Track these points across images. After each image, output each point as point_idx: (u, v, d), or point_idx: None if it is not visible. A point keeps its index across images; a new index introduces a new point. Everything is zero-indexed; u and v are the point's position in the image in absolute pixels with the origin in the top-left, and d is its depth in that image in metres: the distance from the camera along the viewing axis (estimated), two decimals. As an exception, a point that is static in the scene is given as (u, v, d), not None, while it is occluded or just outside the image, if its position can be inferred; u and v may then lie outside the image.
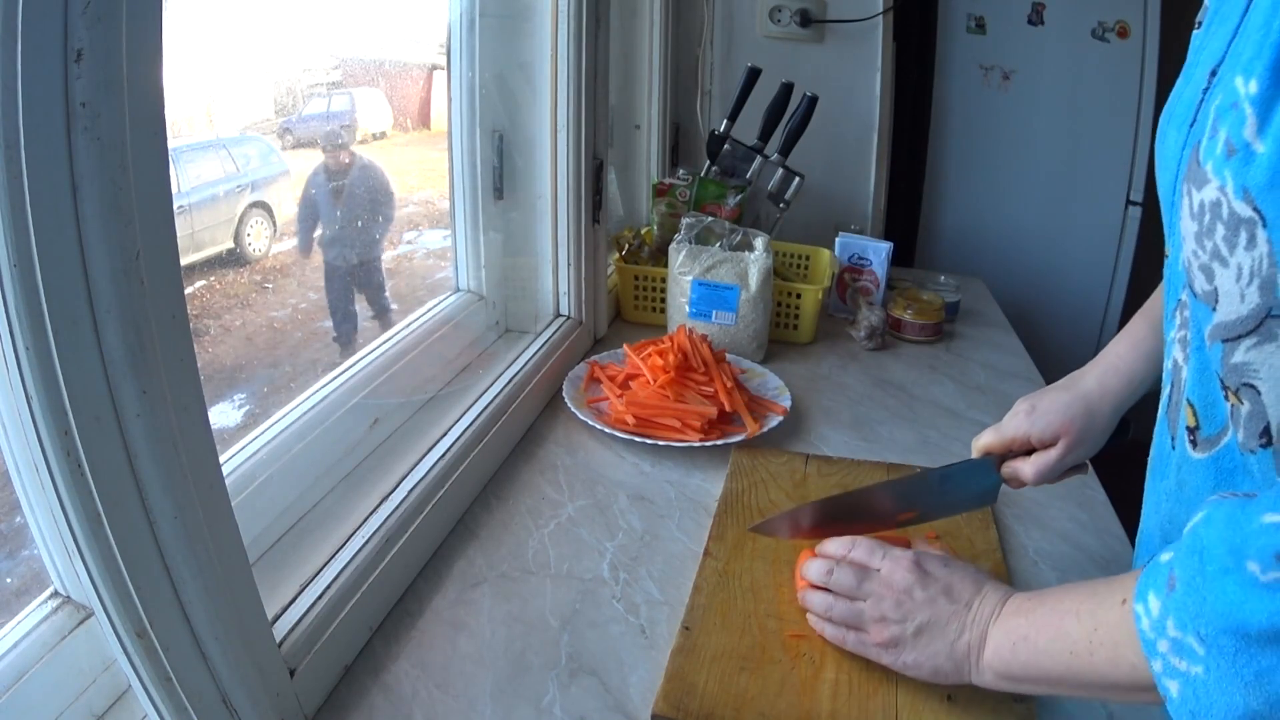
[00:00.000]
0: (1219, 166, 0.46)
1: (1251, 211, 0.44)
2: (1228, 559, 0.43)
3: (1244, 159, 0.44)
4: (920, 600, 0.65)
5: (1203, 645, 0.43)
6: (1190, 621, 0.44)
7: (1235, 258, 0.46)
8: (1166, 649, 0.45)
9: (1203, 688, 0.43)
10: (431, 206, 1.35)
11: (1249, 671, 0.41)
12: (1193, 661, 0.44)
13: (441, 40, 1.16)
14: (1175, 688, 0.45)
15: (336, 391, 0.91)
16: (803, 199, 1.63)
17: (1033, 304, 2.38)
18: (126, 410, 0.45)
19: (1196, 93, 0.53)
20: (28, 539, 0.53)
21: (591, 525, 0.89)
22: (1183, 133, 0.53)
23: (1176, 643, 0.45)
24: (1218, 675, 0.43)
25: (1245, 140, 0.43)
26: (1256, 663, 0.41)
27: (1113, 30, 2.27)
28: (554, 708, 0.65)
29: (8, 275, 0.40)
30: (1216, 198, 0.46)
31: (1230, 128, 0.45)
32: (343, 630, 0.67)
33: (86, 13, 0.39)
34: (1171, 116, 0.57)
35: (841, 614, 0.69)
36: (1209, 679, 0.43)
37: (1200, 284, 0.50)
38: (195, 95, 0.86)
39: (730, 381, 1.12)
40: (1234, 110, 0.45)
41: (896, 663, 0.65)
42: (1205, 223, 0.48)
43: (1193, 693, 0.44)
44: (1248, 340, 0.48)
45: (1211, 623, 0.43)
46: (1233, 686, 0.42)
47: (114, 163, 0.42)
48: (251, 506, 0.74)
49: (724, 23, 1.93)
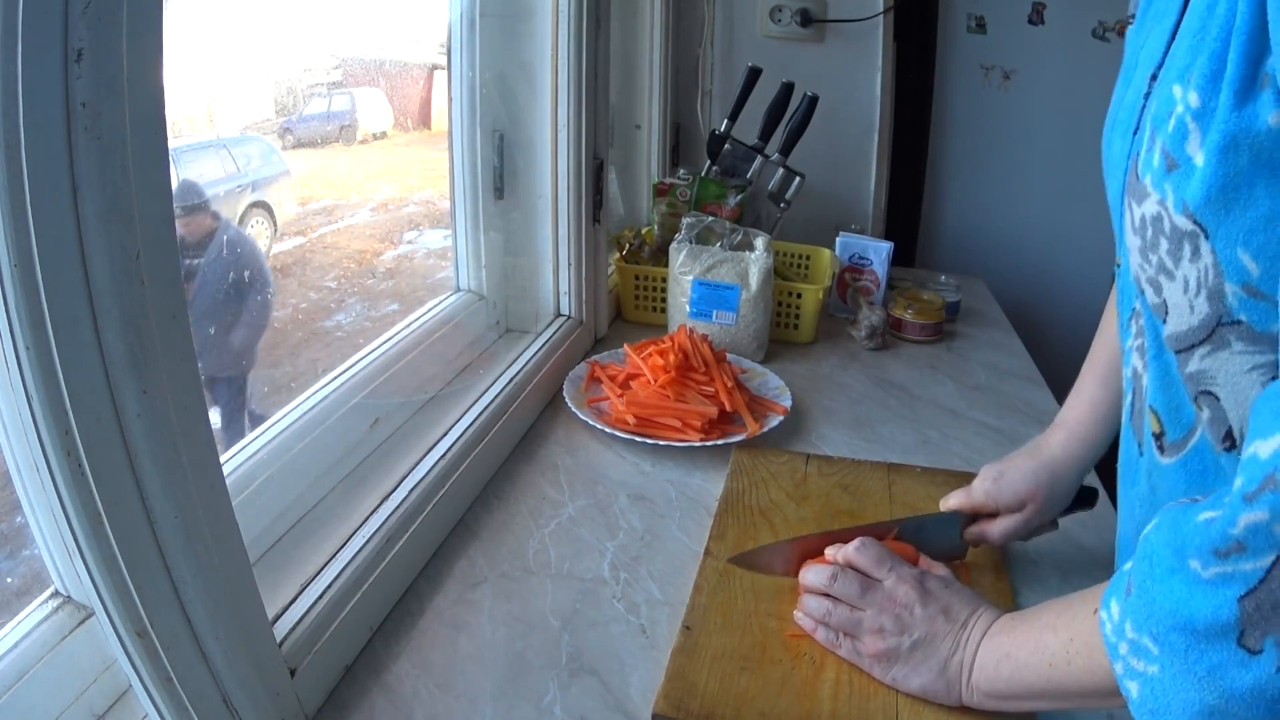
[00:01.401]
0: (1158, 180, 0.45)
1: (1192, 225, 0.44)
2: (1172, 560, 0.43)
3: (1185, 174, 0.43)
4: (919, 617, 0.66)
5: (1156, 645, 0.44)
6: (1144, 623, 0.45)
7: (1181, 270, 0.46)
8: (1126, 651, 0.46)
9: (1159, 687, 0.44)
10: (432, 206, 1.35)
11: (1201, 668, 0.41)
12: (1149, 661, 0.44)
13: (442, 40, 1.16)
14: (1135, 688, 0.45)
15: (337, 391, 0.91)
16: (803, 199, 1.63)
17: (1033, 304, 2.38)
18: (127, 410, 0.45)
19: (1138, 98, 0.52)
20: (28, 539, 0.53)
21: (592, 525, 0.89)
22: (1127, 140, 0.53)
23: (1134, 644, 0.45)
24: (1172, 673, 0.43)
25: (1188, 155, 0.43)
26: (1207, 658, 0.41)
27: (1113, 30, 2.27)
28: (554, 707, 0.65)
29: (8, 275, 0.40)
30: (1157, 211, 0.46)
31: (1169, 140, 0.44)
32: (343, 630, 0.67)
33: (87, 12, 0.39)
34: (1115, 123, 0.56)
35: (840, 620, 0.69)
36: (1164, 677, 0.43)
37: (1150, 296, 0.50)
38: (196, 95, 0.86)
39: (731, 381, 1.12)
40: (1171, 120, 0.44)
41: (887, 676, 0.66)
42: (1148, 237, 0.47)
43: (1150, 692, 0.44)
44: (1201, 349, 0.48)
45: (1161, 621, 0.43)
46: (1187, 684, 0.42)
47: (114, 163, 0.42)
48: (252, 506, 0.74)
49: (724, 22, 1.93)
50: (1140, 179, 0.47)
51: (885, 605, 0.67)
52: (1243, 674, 0.40)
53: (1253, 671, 0.40)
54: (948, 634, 0.64)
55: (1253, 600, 0.39)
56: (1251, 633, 0.39)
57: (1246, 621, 0.39)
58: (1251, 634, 0.40)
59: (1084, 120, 2.34)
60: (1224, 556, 0.40)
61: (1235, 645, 0.40)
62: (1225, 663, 0.41)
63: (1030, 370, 1.41)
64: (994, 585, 0.80)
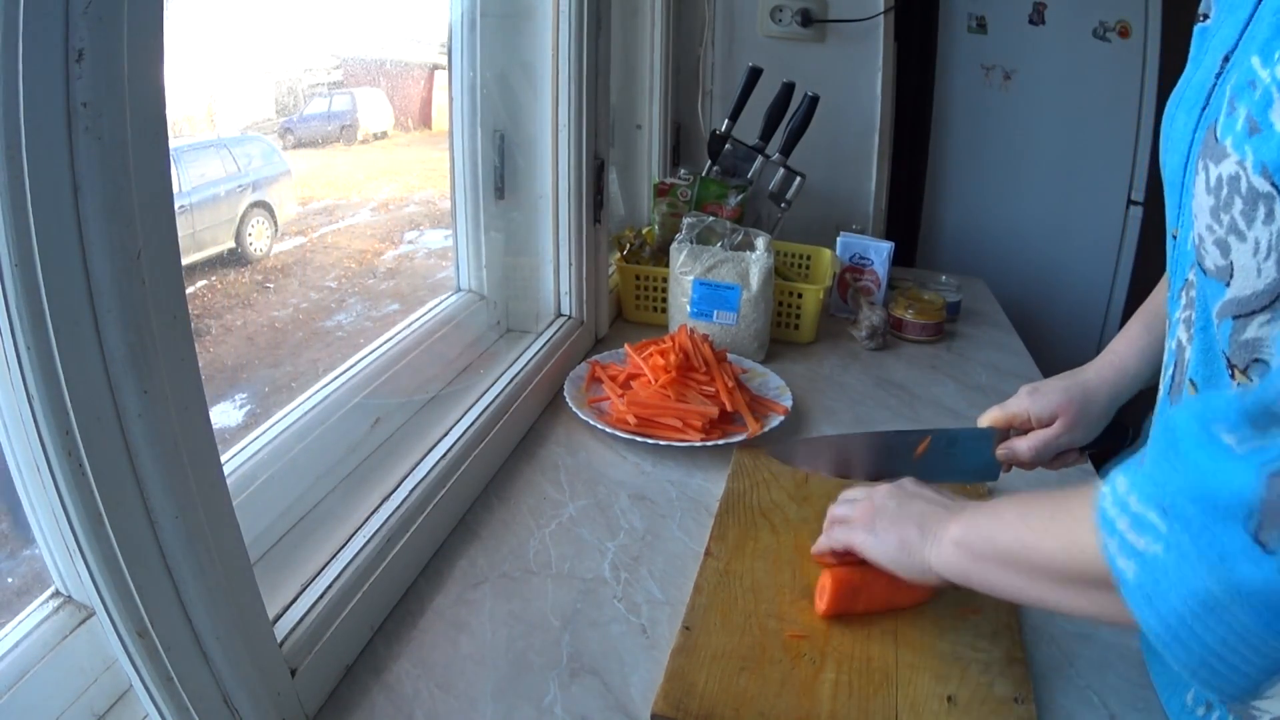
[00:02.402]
0: (1239, 142, 0.46)
1: (1269, 186, 0.44)
2: (1200, 433, 0.42)
3: (1266, 138, 0.44)
4: (911, 493, 0.71)
5: (1165, 519, 0.42)
6: (1155, 493, 0.43)
7: (1254, 231, 0.46)
8: (1125, 526, 0.44)
9: (1160, 568, 0.42)
10: (433, 206, 1.34)
11: (1212, 550, 0.40)
12: (1153, 539, 0.43)
13: (443, 40, 1.16)
14: (1131, 568, 0.44)
15: (338, 391, 0.91)
16: (804, 199, 1.63)
17: (1034, 304, 2.38)
18: (128, 410, 0.45)
19: (1209, 78, 0.53)
20: (29, 538, 0.53)
21: (593, 525, 0.89)
22: (1194, 115, 0.54)
23: (1137, 518, 0.44)
24: (1178, 554, 0.41)
25: (1270, 120, 0.44)
26: (1221, 542, 0.39)
27: (1114, 30, 2.27)
28: (555, 707, 0.65)
29: (9, 275, 0.40)
30: (1235, 172, 0.46)
31: (1254, 106, 0.45)
32: (344, 630, 0.67)
33: (88, 12, 0.39)
34: (1181, 101, 0.58)
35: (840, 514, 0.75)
36: (1168, 558, 0.42)
37: (1214, 259, 0.50)
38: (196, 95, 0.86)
39: (731, 381, 1.12)
40: (1253, 89, 0.45)
41: (870, 536, 0.70)
42: (1222, 197, 0.48)
43: (1149, 574, 0.43)
44: (1261, 316, 0.48)
45: (1179, 492, 0.41)
46: (1193, 566, 0.40)
47: (115, 162, 0.42)
48: (253, 506, 0.74)
49: (725, 22, 1.92)
50: (1220, 141, 0.48)
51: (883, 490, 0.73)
52: (1252, 570, 0.38)
53: (1262, 570, 0.38)
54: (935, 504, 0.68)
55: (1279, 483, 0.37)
56: (1270, 527, 0.38)
57: (1269, 509, 0.38)
58: (1270, 528, 0.38)
59: (1084, 120, 2.35)
60: (1261, 428, 0.39)
61: (1251, 536, 0.38)
62: (1237, 552, 0.39)
63: (1031, 370, 1.41)
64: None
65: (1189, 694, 0.63)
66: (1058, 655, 0.73)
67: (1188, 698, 0.63)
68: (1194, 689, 0.63)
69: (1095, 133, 2.35)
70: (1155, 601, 0.42)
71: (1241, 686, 0.42)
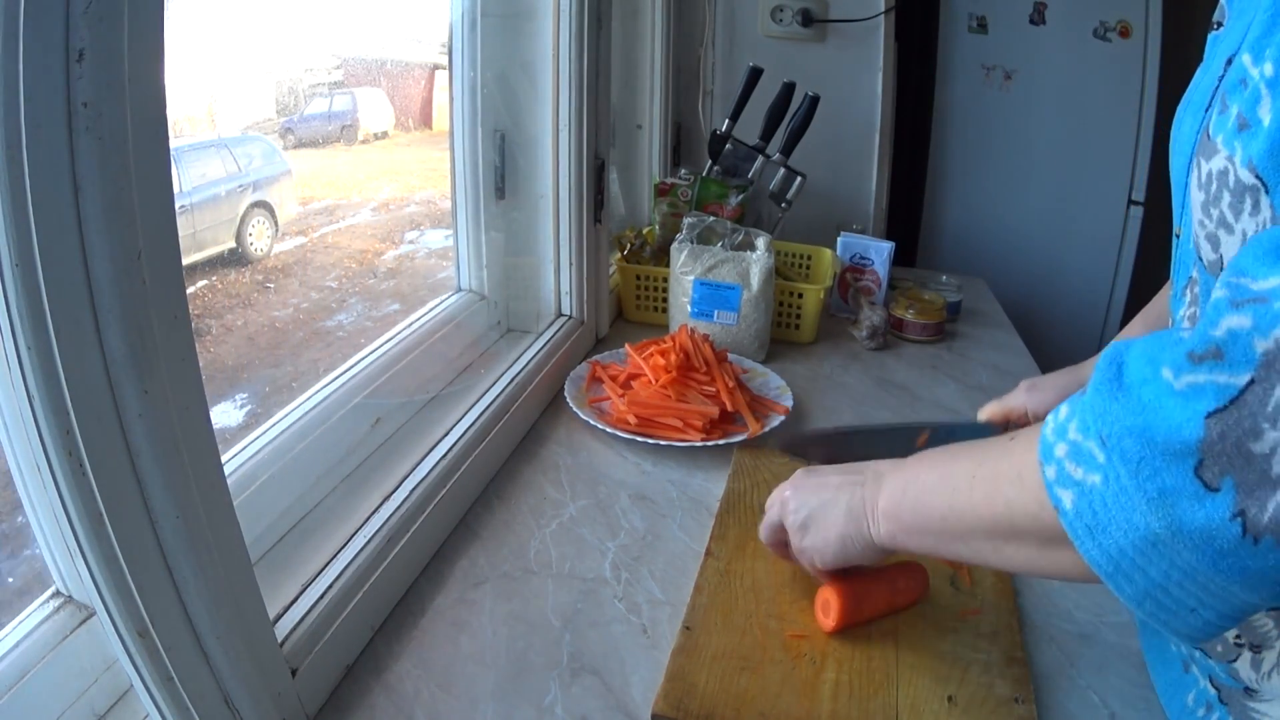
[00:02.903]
0: (1229, 138, 0.46)
1: (1254, 179, 0.44)
2: (1145, 369, 0.41)
3: (1253, 132, 0.44)
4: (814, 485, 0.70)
5: (1103, 450, 0.41)
6: (1094, 422, 0.42)
7: (1241, 224, 0.46)
8: (1064, 453, 0.44)
9: (1099, 499, 0.41)
10: (433, 206, 1.35)
11: (1152, 486, 0.39)
12: (1090, 469, 0.42)
13: (443, 40, 1.16)
14: (1069, 497, 0.43)
15: (338, 391, 0.91)
16: (804, 199, 1.63)
17: (1035, 303, 2.38)
18: (128, 410, 0.45)
19: (1213, 81, 0.53)
20: (29, 538, 0.53)
21: (593, 525, 0.89)
22: (1198, 117, 0.54)
23: (1075, 446, 0.43)
24: (1117, 487, 0.40)
25: (1259, 116, 0.44)
26: (1160, 478, 0.39)
27: (1115, 30, 2.26)
28: (556, 707, 0.65)
29: (10, 275, 0.40)
30: (1224, 166, 0.47)
31: (1244, 103, 0.45)
32: (344, 630, 0.67)
33: (88, 12, 0.39)
34: (1188, 104, 0.58)
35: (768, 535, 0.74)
36: (1106, 490, 0.41)
37: (1206, 253, 0.50)
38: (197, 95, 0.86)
39: (732, 381, 1.12)
40: (1244, 87, 0.45)
41: (810, 546, 0.69)
42: (1212, 191, 0.48)
43: (1088, 504, 0.42)
44: None
45: (1117, 422, 0.41)
46: (1134, 501, 0.40)
47: (116, 162, 0.42)
48: (253, 506, 0.74)
49: (725, 22, 1.92)
50: (1212, 138, 0.48)
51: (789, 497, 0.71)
52: (1195, 509, 0.38)
53: (1205, 510, 0.37)
54: (845, 484, 0.67)
55: (1220, 422, 0.37)
56: (1211, 465, 0.37)
57: (1208, 449, 0.37)
58: (1211, 466, 0.37)
59: (1085, 120, 2.35)
60: (1198, 362, 0.38)
61: (1193, 473, 0.38)
62: (1179, 490, 0.38)
63: (1032, 369, 1.41)
64: (995, 585, 0.80)
65: (1190, 695, 0.63)
66: (1058, 655, 0.73)
67: (1189, 699, 0.63)
68: (1195, 690, 0.63)
69: (1096, 133, 2.35)
70: (1097, 534, 0.42)
71: (1197, 626, 0.41)
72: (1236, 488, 0.37)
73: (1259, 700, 0.55)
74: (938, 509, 0.56)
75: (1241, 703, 0.57)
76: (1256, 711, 0.56)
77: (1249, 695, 0.56)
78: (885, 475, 0.64)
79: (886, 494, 0.62)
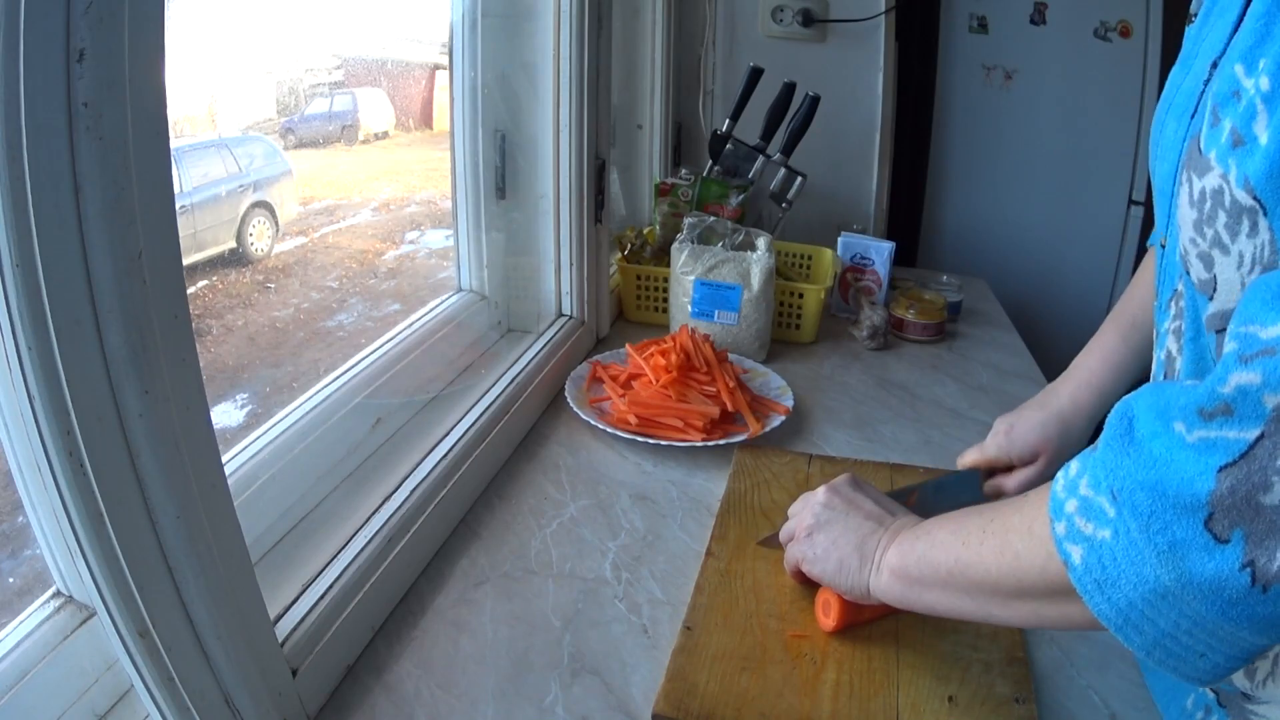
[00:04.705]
0: (1223, 155, 0.46)
1: (1252, 200, 0.44)
2: (1155, 423, 0.41)
3: (1249, 151, 0.44)
4: (848, 500, 0.70)
5: (1114, 505, 0.41)
6: (1105, 478, 0.42)
7: (1237, 245, 0.46)
8: (1074, 509, 0.44)
9: (1109, 554, 0.41)
10: (434, 206, 1.35)
11: (1162, 540, 0.39)
12: (1101, 524, 0.42)
13: (444, 40, 1.16)
14: (1078, 553, 0.43)
15: (339, 391, 0.91)
16: (805, 199, 1.63)
17: (1035, 303, 2.38)
18: (129, 410, 0.45)
19: (1197, 84, 0.53)
20: (30, 539, 0.53)
21: (594, 525, 0.89)
22: (1183, 123, 0.53)
23: (1086, 502, 0.43)
24: (1127, 541, 0.41)
25: (1254, 133, 0.43)
26: (1171, 531, 0.39)
27: (1115, 30, 2.26)
28: (556, 707, 0.65)
29: (10, 275, 0.40)
30: (1219, 185, 0.46)
31: (1238, 119, 0.45)
32: (345, 630, 0.67)
33: (89, 13, 0.39)
34: (1170, 107, 0.57)
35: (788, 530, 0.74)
36: (1116, 544, 0.41)
37: (1197, 272, 0.50)
38: (198, 95, 0.86)
39: (732, 381, 1.12)
40: (1237, 100, 0.45)
41: (810, 551, 0.68)
42: (1206, 210, 0.47)
43: (1098, 559, 0.42)
44: None
45: (1129, 477, 0.41)
46: (1144, 555, 0.40)
47: (116, 163, 0.42)
48: (254, 506, 0.74)
49: (726, 22, 1.92)
50: (1204, 153, 0.47)
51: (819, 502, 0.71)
52: (1205, 561, 0.38)
53: (1216, 561, 0.38)
54: (870, 519, 0.67)
55: (1230, 476, 0.37)
56: (1222, 518, 0.38)
57: (1219, 502, 0.38)
58: (1221, 519, 0.38)
59: (1086, 120, 2.35)
60: (1209, 419, 0.39)
61: (1203, 526, 0.38)
62: (1189, 542, 0.38)
63: (1032, 369, 1.41)
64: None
65: (1189, 699, 0.63)
66: (1058, 655, 0.73)
67: (1188, 702, 0.63)
68: (1194, 694, 0.63)
69: (1096, 132, 2.35)
70: (1106, 588, 0.42)
71: (1205, 670, 0.42)
72: (1246, 539, 0.37)
73: (1257, 704, 0.55)
74: (946, 562, 0.55)
75: (1240, 705, 0.57)
76: (1255, 714, 0.56)
77: (1247, 699, 0.56)
78: (902, 531, 0.63)
79: (897, 549, 0.62)
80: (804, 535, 0.70)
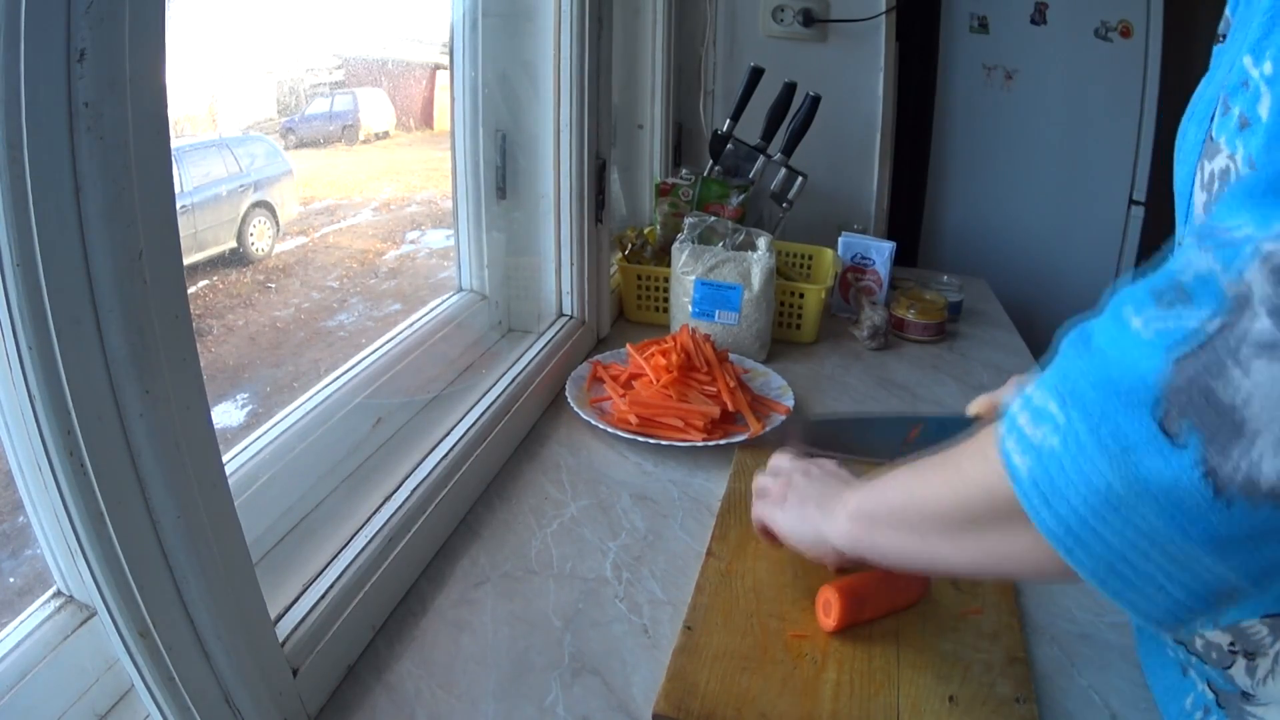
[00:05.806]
0: (1231, 138, 0.46)
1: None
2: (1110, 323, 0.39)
3: (1253, 130, 0.44)
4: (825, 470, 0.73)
5: (1062, 407, 0.39)
6: (1056, 384, 0.40)
7: None
8: (1025, 420, 0.41)
9: (1055, 462, 0.38)
10: (434, 206, 1.35)
11: (1114, 443, 0.36)
12: (1050, 431, 0.39)
13: (444, 40, 1.16)
14: (1025, 464, 0.40)
15: (339, 391, 0.91)
16: (806, 199, 1.63)
17: (1036, 303, 2.38)
18: (129, 410, 0.45)
19: (1217, 90, 0.53)
20: (30, 538, 0.53)
21: (594, 525, 0.89)
22: (1203, 127, 0.54)
23: (1038, 411, 0.40)
24: (1075, 446, 0.37)
25: (1258, 114, 0.43)
26: (1123, 432, 0.36)
27: (1116, 30, 2.26)
28: (557, 707, 0.65)
29: (11, 274, 0.40)
30: (1226, 165, 0.47)
31: (1244, 104, 0.45)
32: (346, 630, 0.67)
33: (89, 12, 0.39)
34: (1192, 115, 0.58)
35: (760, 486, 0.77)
36: (1064, 451, 0.38)
37: None
38: (198, 94, 0.86)
39: (733, 381, 1.12)
40: (1245, 89, 0.45)
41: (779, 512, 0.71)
42: (1214, 191, 0.48)
43: (1044, 470, 0.39)
44: None
45: (1079, 377, 0.38)
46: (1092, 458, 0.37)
47: (117, 162, 0.42)
48: (254, 506, 0.74)
49: (727, 22, 1.92)
50: (1215, 139, 0.48)
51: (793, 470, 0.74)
52: (1158, 464, 0.35)
53: (1171, 465, 0.35)
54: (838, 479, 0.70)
55: (1188, 366, 0.34)
56: (1176, 415, 0.35)
57: (1174, 394, 0.35)
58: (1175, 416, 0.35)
59: (1086, 120, 2.35)
60: (1167, 304, 0.36)
61: (1156, 424, 0.35)
62: (1141, 443, 0.35)
63: (1033, 369, 1.40)
64: (996, 585, 0.80)
65: (1188, 699, 0.63)
66: (1059, 655, 0.73)
67: (1187, 702, 0.63)
68: (1193, 694, 0.62)
69: (1097, 132, 2.35)
70: (1052, 500, 0.39)
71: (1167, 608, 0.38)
72: (1205, 441, 0.34)
73: (1256, 704, 0.55)
74: (899, 497, 0.55)
75: (1239, 706, 0.57)
76: (1254, 715, 0.56)
77: (1246, 699, 0.56)
78: (868, 477, 0.64)
79: (856, 494, 0.63)
80: (779, 495, 0.73)
